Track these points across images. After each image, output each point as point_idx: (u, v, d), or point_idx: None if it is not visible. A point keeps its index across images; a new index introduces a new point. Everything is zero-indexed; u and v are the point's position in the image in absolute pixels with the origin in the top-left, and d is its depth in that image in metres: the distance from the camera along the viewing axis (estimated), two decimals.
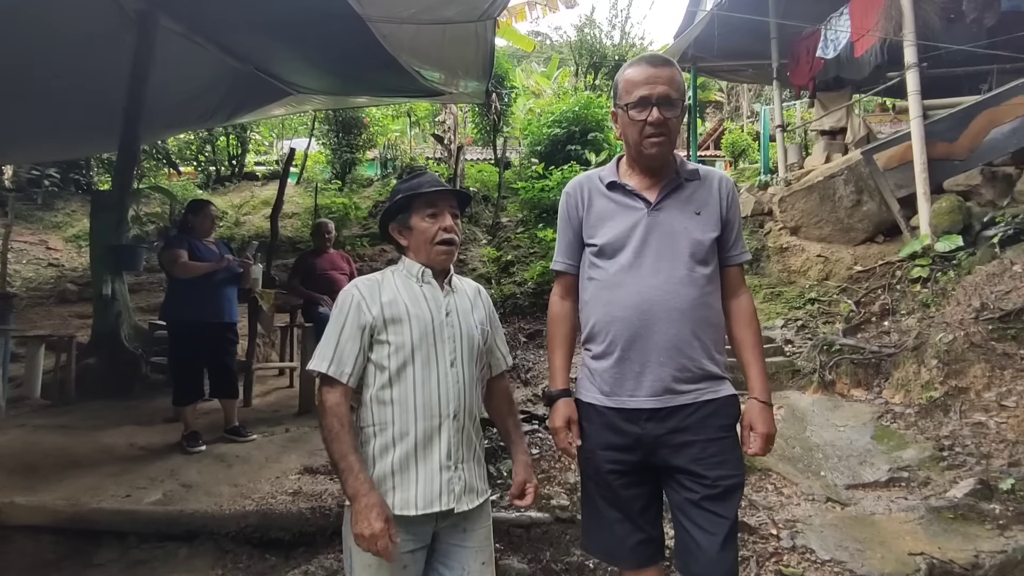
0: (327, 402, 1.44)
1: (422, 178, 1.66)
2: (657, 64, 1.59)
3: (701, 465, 1.54)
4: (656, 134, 1.57)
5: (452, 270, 1.68)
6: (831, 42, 6.90)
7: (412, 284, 1.59)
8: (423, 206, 1.59)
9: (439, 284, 1.62)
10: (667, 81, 1.56)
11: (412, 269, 1.61)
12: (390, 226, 1.64)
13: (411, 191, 1.59)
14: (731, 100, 17.34)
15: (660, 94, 1.55)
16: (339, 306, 1.51)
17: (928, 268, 5.27)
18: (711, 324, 1.63)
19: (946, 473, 3.51)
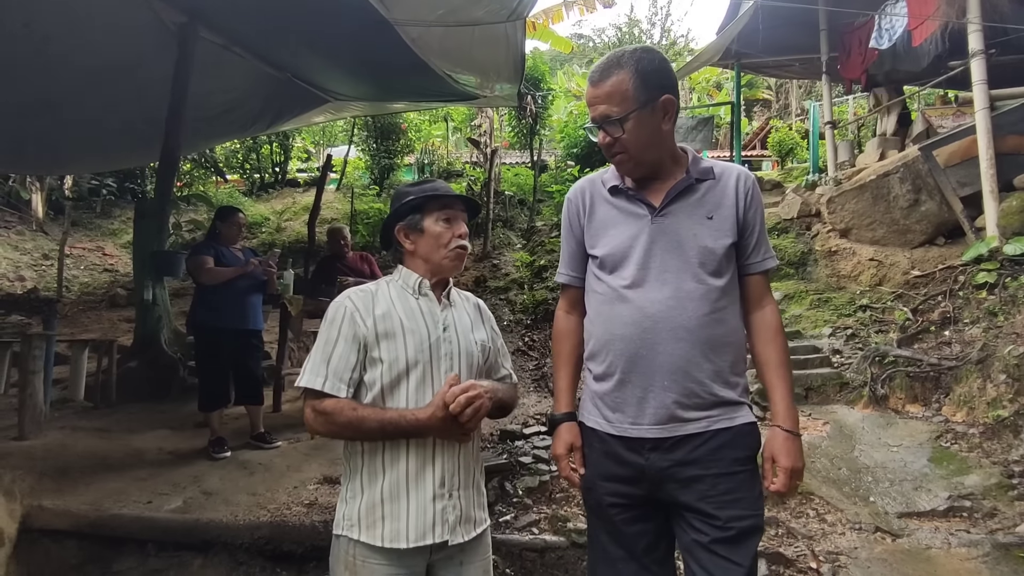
0: (327, 407, 1.34)
1: (435, 184, 1.57)
2: (595, 80, 1.43)
3: (711, 503, 1.37)
4: (612, 155, 1.44)
5: (451, 282, 1.57)
6: (886, 31, 6.45)
7: (408, 297, 1.48)
8: (438, 209, 1.49)
9: (437, 297, 1.51)
10: (606, 98, 1.41)
11: (409, 280, 1.50)
12: (397, 227, 1.52)
13: (425, 193, 1.49)
14: (780, 98, 16.67)
15: (600, 115, 1.42)
16: (330, 318, 1.40)
17: (996, 273, 4.83)
18: (725, 343, 1.45)
19: (1016, 504, 3.16)
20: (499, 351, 1.62)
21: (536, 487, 3.33)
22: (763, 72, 10.07)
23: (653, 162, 1.49)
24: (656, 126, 1.44)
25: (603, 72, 1.43)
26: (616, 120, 1.41)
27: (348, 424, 1.32)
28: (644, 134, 1.43)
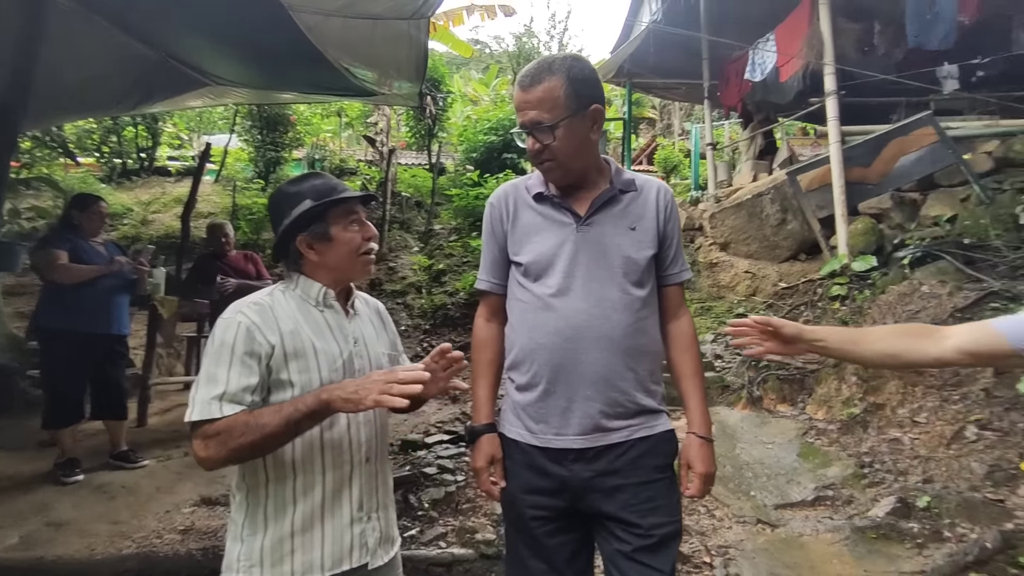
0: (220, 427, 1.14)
1: (328, 181, 1.40)
2: (526, 86, 1.41)
3: (633, 512, 1.39)
4: (540, 161, 1.43)
5: (354, 290, 1.45)
6: (758, 65, 7.14)
7: (311, 310, 1.33)
8: (343, 214, 1.35)
9: (343, 308, 1.38)
10: (537, 104, 1.39)
11: (310, 291, 1.34)
12: (299, 239, 1.33)
13: (325, 197, 1.33)
14: (664, 118, 17.90)
15: (530, 120, 1.40)
16: (221, 338, 1.20)
17: (846, 286, 5.48)
18: (646, 352, 1.48)
19: (868, 491, 3.57)
20: (401, 354, 1.54)
21: (442, 498, 3.23)
22: (652, 92, 10.76)
23: (580, 170, 1.49)
24: (585, 135, 1.44)
25: (534, 77, 1.40)
26: (547, 127, 1.39)
27: (248, 437, 1.12)
28: (574, 142, 1.42)
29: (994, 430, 3.71)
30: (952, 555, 2.80)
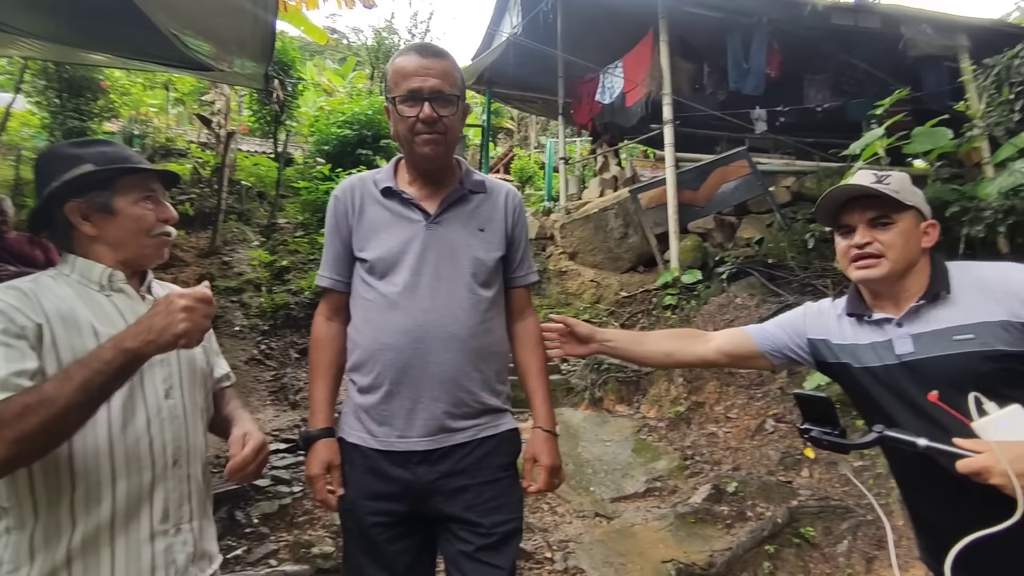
0: None
1: (121, 150, 1.19)
2: (428, 54, 1.39)
3: (476, 512, 1.38)
4: (428, 132, 1.38)
5: (151, 272, 1.25)
6: (608, 89, 7.69)
7: (94, 296, 1.11)
8: (135, 187, 1.15)
9: (137, 292, 1.18)
10: (440, 74, 1.37)
11: (92, 273, 1.13)
12: (68, 204, 1.10)
13: (114, 164, 1.12)
14: (521, 129, 18.56)
15: (432, 88, 1.36)
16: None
17: (677, 297, 6.07)
18: (493, 352, 1.48)
19: (689, 480, 3.94)
20: (214, 350, 1.38)
21: (275, 512, 2.95)
22: (510, 103, 11.07)
23: (446, 156, 1.47)
24: (462, 125, 1.47)
25: (436, 51, 1.40)
26: (451, 96, 1.38)
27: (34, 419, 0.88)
28: (460, 125, 1.45)
29: (787, 422, 4.33)
30: (752, 532, 3.19)
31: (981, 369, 1.12)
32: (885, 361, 1.23)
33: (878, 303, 1.29)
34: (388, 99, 1.42)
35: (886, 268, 1.21)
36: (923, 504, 1.28)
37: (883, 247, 1.22)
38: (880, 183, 1.23)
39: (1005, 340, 1.11)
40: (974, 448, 1.03)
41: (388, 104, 1.42)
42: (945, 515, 1.18)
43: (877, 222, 1.23)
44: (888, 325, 1.24)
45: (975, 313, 1.15)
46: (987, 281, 1.18)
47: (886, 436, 1.12)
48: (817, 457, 3.93)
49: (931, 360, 1.16)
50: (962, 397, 1.08)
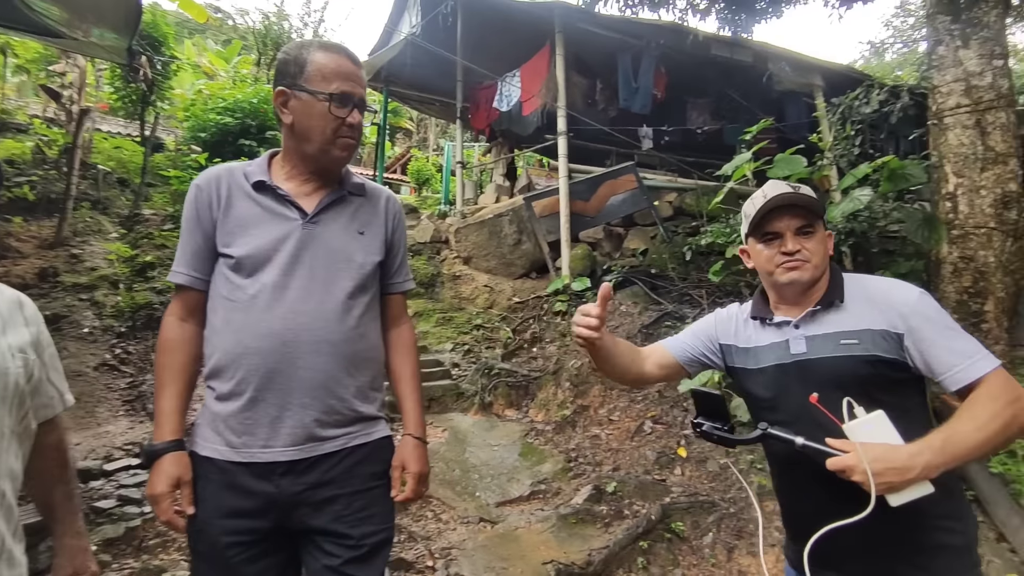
0: None
1: None
2: (356, 62, 1.40)
3: (345, 523, 1.32)
4: (351, 137, 1.38)
5: None
6: (505, 97, 7.78)
7: None
8: None
9: None
10: (364, 85, 1.42)
11: None
12: None
13: None
14: (420, 131, 18.33)
15: (361, 97, 1.38)
16: None
17: (567, 303, 6.25)
18: (367, 358, 1.43)
19: (572, 482, 4.04)
20: (48, 364, 1.21)
21: (121, 536, 2.64)
22: (408, 103, 10.88)
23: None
24: None
25: (357, 59, 1.42)
26: (368, 106, 1.43)
27: None
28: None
29: (663, 424, 4.58)
30: (628, 529, 3.32)
31: (860, 372, 1.22)
32: (781, 360, 1.33)
33: (780, 307, 1.38)
34: (305, 89, 1.34)
35: (809, 272, 1.31)
36: (795, 497, 1.37)
37: (809, 253, 1.31)
38: (798, 192, 1.33)
39: (883, 347, 1.22)
40: (842, 448, 1.13)
41: (302, 94, 1.34)
42: (813, 508, 1.27)
43: (803, 230, 1.33)
44: (787, 327, 1.34)
45: (862, 321, 1.25)
46: (874, 293, 1.29)
47: (769, 433, 1.21)
48: (689, 456, 4.19)
49: (820, 360, 1.27)
50: (842, 397, 1.18)
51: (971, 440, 1.10)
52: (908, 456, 1.09)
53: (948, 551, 1.22)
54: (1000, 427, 1.10)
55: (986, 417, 1.11)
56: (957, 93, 5.00)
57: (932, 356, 1.19)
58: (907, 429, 1.14)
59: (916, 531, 1.19)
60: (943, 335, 1.20)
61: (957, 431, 1.11)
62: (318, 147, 1.37)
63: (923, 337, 1.20)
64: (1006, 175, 4.86)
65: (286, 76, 1.36)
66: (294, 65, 1.36)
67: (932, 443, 1.10)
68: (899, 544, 1.21)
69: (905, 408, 1.21)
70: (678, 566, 3.27)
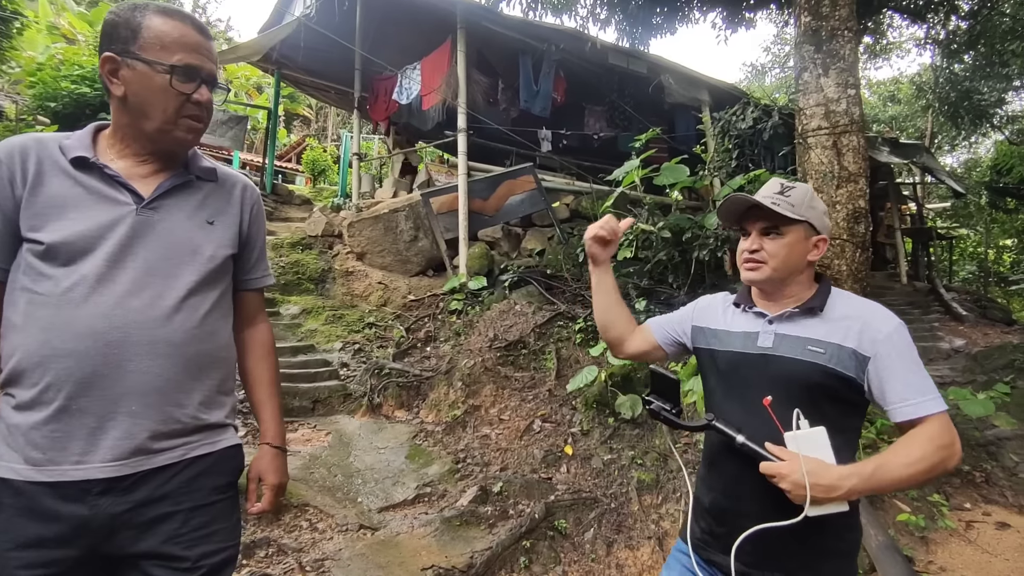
0: None
1: None
2: (203, 32, 1.25)
3: (180, 543, 1.18)
4: (198, 117, 1.23)
5: None
6: (405, 89, 7.58)
7: None
8: None
9: None
10: (215, 59, 1.27)
11: None
12: None
13: None
14: (319, 119, 17.49)
15: (211, 72, 1.23)
16: None
17: (463, 302, 6.19)
18: (215, 359, 1.30)
19: (459, 483, 3.99)
20: None
21: None
22: (303, 89, 10.31)
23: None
24: None
25: (206, 29, 1.27)
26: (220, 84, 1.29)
27: None
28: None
29: (552, 422, 4.65)
30: (512, 529, 3.32)
31: (816, 380, 1.27)
32: (746, 349, 1.37)
33: (761, 301, 1.43)
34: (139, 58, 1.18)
35: (766, 273, 1.36)
36: (720, 490, 1.39)
37: (768, 255, 1.36)
38: (782, 194, 1.37)
39: (845, 364, 1.26)
40: (779, 455, 1.20)
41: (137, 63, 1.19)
42: (736, 504, 1.33)
43: (768, 231, 1.37)
44: (761, 320, 1.39)
45: (834, 334, 1.29)
46: (854, 312, 1.32)
47: (713, 425, 1.29)
48: (575, 453, 4.28)
49: (782, 359, 1.31)
50: (791, 398, 1.25)
51: (898, 474, 1.18)
52: (838, 477, 1.16)
53: (838, 557, 1.30)
54: (927, 468, 1.18)
55: (917, 456, 1.18)
56: (819, 116, 5.52)
57: (889, 386, 1.24)
58: (839, 448, 1.22)
59: (817, 536, 1.26)
60: (906, 369, 1.24)
61: (888, 463, 1.18)
62: (158, 126, 1.21)
63: (887, 366, 1.24)
64: (857, 193, 5.43)
65: (115, 41, 1.19)
66: (126, 29, 1.19)
67: (862, 470, 1.17)
68: (800, 546, 1.27)
69: (843, 427, 1.28)
70: (559, 563, 3.32)
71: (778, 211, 1.34)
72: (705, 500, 1.45)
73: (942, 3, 9.30)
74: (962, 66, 10.48)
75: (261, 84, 16.05)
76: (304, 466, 3.89)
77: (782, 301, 1.40)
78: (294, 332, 5.91)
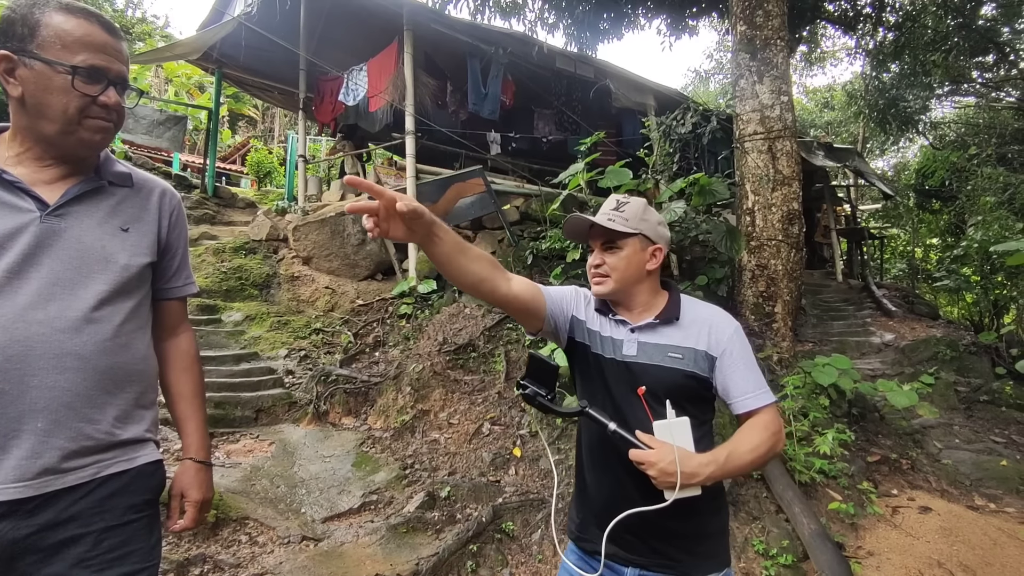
0: None
1: None
2: (113, 32, 1.20)
3: (90, 567, 1.13)
4: (106, 119, 1.19)
5: None
6: (351, 91, 7.46)
7: None
8: None
9: None
10: (125, 60, 1.23)
11: None
12: None
13: None
14: (266, 120, 17.02)
15: (119, 73, 1.20)
16: None
17: (412, 306, 6.13)
18: (131, 371, 1.25)
19: (406, 490, 3.95)
20: None
21: None
22: (246, 89, 10.00)
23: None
24: None
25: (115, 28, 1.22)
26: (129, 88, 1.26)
27: None
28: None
29: (501, 425, 4.66)
30: (459, 534, 3.31)
31: (678, 382, 1.37)
32: (614, 356, 1.44)
33: (617, 308, 1.50)
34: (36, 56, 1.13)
35: (611, 286, 1.45)
36: (595, 477, 1.47)
37: (610, 268, 1.45)
38: (617, 210, 1.46)
39: (700, 366, 1.38)
40: (648, 443, 1.29)
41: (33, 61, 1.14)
42: (609, 491, 1.41)
43: (607, 246, 1.46)
44: (624, 328, 1.46)
45: (688, 339, 1.40)
46: (701, 317, 1.44)
47: (587, 411, 1.34)
48: (523, 455, 4.30)
49: (646, 366, 1.40)
50: (658, 400, 1.35)
51: (745, 459, 1.32)
52: (699, 464, 1.27)
53: (710, 537, 1.41)
54: (765, 451, 1.34)
55: (757, 442, 1.33)
56: (754, 122, 5.73)
57: (732, 382, 1.38)
58: (699, 439, 1.34)
59: (688, 519, 1.35)
60: (746, 367, 1.39)
61: (736, 450, 1.32)
62: (59, 128, 1.16)
63: (729, 363, 1.38)
64: (791, 195, 5.67)
65: (12, 38, 1.14)
66: (23, 25, 1.13)
67: (718, 457, 1.30)
68: (674, 530, 1.37)
69: (701, 421, 1.40)
70: (507, 565, 3.32)
71: (612, 227, 1.43)
72: (582, 491, 1.51)
73: (871, 15, 9.83)
74: (889, 75, 11.10)
75: (203, 83, 15.48)
76: (245, 478, 3.77)
77: (635, 310, 1.48)
78: (237, 339, 5.73)
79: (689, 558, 1.37)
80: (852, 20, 10.06)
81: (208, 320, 5.83)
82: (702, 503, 1.31)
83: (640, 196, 7.48)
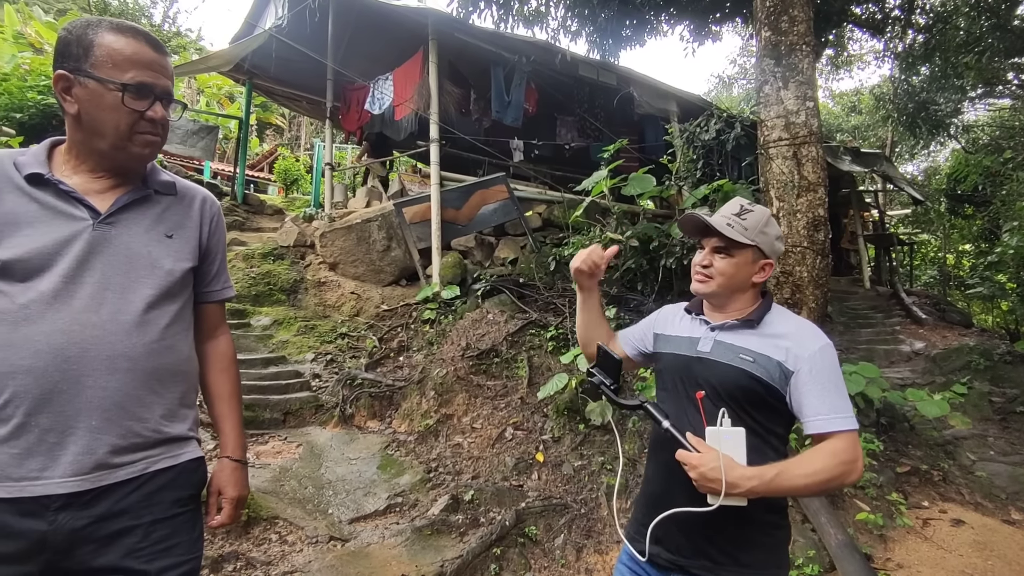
0: None
1: None
2: (159, 48, 1.27)
3: (140, 558, 1.19)
4: (153, 133, 1.25)
5: None
6: (377, 100, 7.61)
7: None
8: None
9: None
10: (170, 74, 1.29)
11: None
12: None
13: None
14: (293, 128, 17.37)
15: (165, 89, 1.26)
16: None
17: (436, 312, 6.21)
18: (176, 372, 1.31)
19: (430, 493, 4.00)
20: None
21: None
22: (275, 99, 10.26)
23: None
24: None
25: (162, 46, 1.30)
26: (176, 101, 1.32)
27: None
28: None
29: (524, 430, 4.69)
30: (482, 537, 3.35)
31: (742, 383, 1.38)
32: (688, 352, 1.49)
33: (709, 310, 1.55)
34: (91, 76, 1.20)
35: (712, 287, 1.48)
36: (652, 474, 1.52)
37: (716, 271, 1.48)
38: (739, 216, 1.47)
39: (770, 375, 1.36)
40: (697, 446, 1.30)
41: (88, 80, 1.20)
42: (661, 488, 1.45)
43: (719, 250, 1.48)
44: (705, 327, 1.51)
45: (765, 347, 1.39)
46: (787, 330, 1.42)
47: (645, 406, 1.38)
48: (546, 460, 4.33)
49: (716, 363, 1.42)
50: (721, 400, 1.37)
51: (797, 482, 1.28)
52: (740, 476, 1.25)
53: (760, 548, 1.38)
54: (825, 479, 1.27)
55: (818, 467, 1.27)
56: (779, 128, 5.69)
57: (806, 400, 1.33)
58: (756, 448, 1.33)
59: (737, 527, 1.35)
60: (824, 387, 1.33)
61: (789, 470, 1.28)
62: (111, 143, 1.23)
63: (807, 381, 1.34)
64: (816, 201, 5.61)
65: (68, 58, 1.21)
66: (78, 46, 1.21)
67: (765, 474, 1.26)
68: (720, 534, 1.36)
69: (769, 430, 1.40)
70: (530, 569, 3.35)
71: (729, 234, 1.44)
72: (644, 490, 1.55)
73: (900, 17, 9.67)
74: (919, 78, 10.89)
75: (233, 93, 15.88)
76: (274, 479, 3.87)
77: (726, 312, 1.50)
78: (265, 343, 5.86)
79: (734, 565, 1.35)
80: (880, 23, 9.91)
81: (237, 324, 5.98)
82: (756, 514, 1.30)
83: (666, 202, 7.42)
